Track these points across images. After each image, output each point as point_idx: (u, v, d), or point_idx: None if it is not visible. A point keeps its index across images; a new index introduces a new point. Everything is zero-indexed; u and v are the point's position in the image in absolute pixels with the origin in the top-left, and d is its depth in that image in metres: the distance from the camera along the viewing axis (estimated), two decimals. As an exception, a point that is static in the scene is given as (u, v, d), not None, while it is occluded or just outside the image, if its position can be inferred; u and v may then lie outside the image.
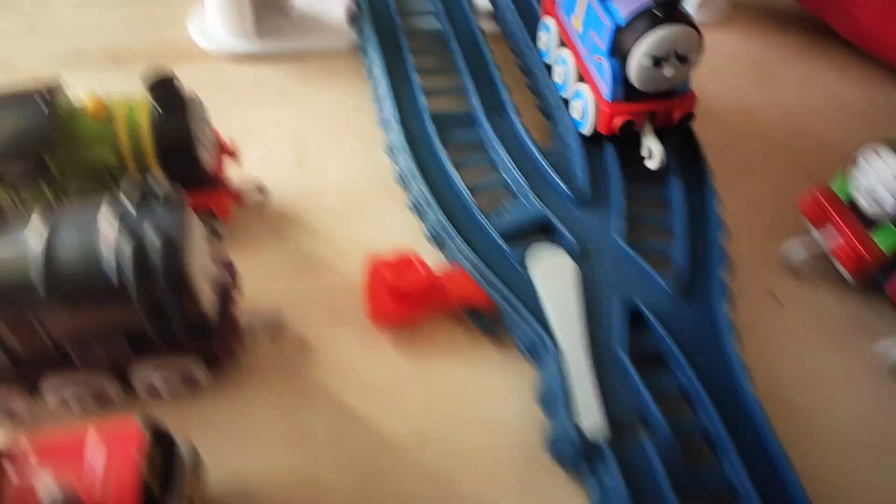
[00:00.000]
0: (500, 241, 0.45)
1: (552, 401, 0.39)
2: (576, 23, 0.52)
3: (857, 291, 0.47)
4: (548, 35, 0.56)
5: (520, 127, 0.52)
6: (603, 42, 0.47)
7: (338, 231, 0.49)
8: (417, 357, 0.43)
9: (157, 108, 0.40)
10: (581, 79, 0.51)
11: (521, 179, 0.48)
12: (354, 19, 0.62)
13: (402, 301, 0.42)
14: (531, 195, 0.47)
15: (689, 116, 0.49)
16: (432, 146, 0.51)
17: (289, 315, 0.43)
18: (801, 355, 0.44)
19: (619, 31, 0.46)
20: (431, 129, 0.51)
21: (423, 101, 0.54)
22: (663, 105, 0.48)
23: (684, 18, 0.45)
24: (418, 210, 0.48)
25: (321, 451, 0.39)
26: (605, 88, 0.48)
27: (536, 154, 0.50)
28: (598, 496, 0.36)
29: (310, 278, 0.46)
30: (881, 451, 0.40)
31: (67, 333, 0.34)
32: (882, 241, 0.44)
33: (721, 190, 0.49)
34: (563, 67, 0.54)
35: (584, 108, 0.50)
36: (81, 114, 0.40)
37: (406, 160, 0.50)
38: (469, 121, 0.53)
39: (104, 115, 0.40)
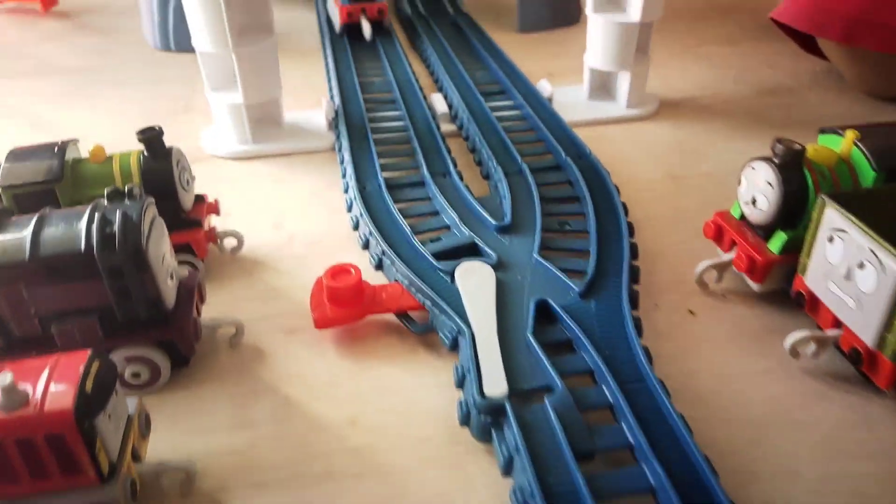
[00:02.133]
0: (432, 260, 0.51)
1: (465, 378, 0.43)
2: None
3: (769, 302, 0.52)
4: None
5: (458, 182, 0.61)
6: None
7: (300, 271, 0.56)
8: (356, 359, 0.48)
9: (146, 153, 0.51)
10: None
11: (455, 216, 0.56)
12: (332, 123, 0.74)
13: (338, 302, 0.48)
14: (462, 226, 0.55)
15: (382, 10, 0.99)
16: (383, 199, 0.60)
17: (249, 331, 0.50)
18: (716, 357, 0.48)
19: None
20: (384, 187, 0.61)
21: (378, 168, 0.64)
22: (367, 6, 0.98)
23: None
24: (367, 244, 0.56)
25: (261, 432, 0.43)
26: None
27: (470, 199, 0.58)
28: (503, 459, 0.39)
29: (272, 305, 0.53)
30: (792, 428, 0.43)
31: (49, 306, 0.41)
32: (773, 244, 0.50)
33: (650, 234, 0.58)
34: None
35: (332, 14, 0.97)
36: (86, 160, 0.51)
37: (359, 207, 0.58)
38: (418, 182, 0.63)
39: (102, 158, 0.50)
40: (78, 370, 0.34)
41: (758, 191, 0.49)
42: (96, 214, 0.41)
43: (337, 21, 1.01)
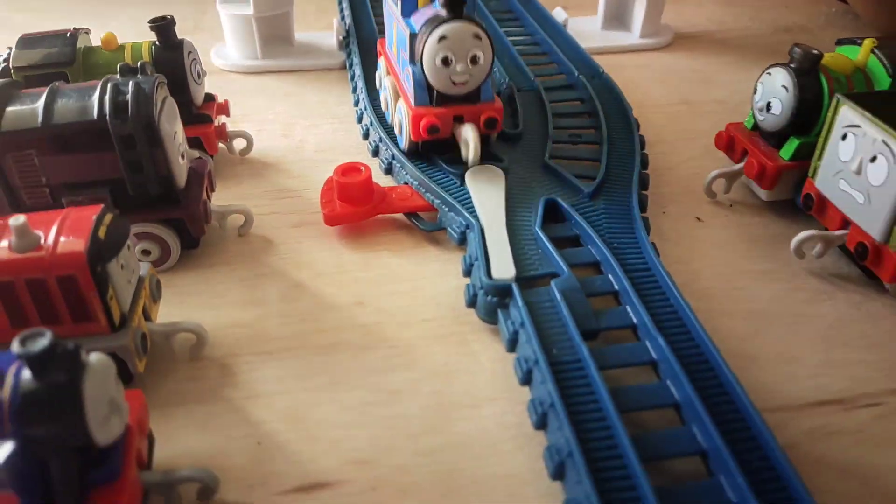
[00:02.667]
0: (444, 164, 0.51)
1: (473, 266, 0.44)
2: (395, 50, 0.55)
3: (777, 212, 0.52)
4: (378, 72, 0.61)
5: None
6: (406, 52, 0.50)
7: (310, 173, 0.56)
8: (363, 251, 0.48)
9: (157, 42, 0.50)
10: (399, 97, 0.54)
11: (465, 123, 0.55)
12: (343, 43, 0.74)
13: (348, 199, 0.49)
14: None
15: (493, 122, 0.50)
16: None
17: (258, 223, 0.50)
18: (721, 259, 0.48)
19: (413, 38, 0.49)
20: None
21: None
22: (467, 110, 0.50)
23: (469, 18, 0.48)
24: (377, 150, 0.56)
25: (270, 310, 0.44)
26: (411, 95, 0.50)
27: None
28: (508, 334, 0.39)
29: (280, 202, 0.53)
30: (794, 321, 0.43)
31: (61, 176, 0.41)
32: (784, 152, 0.49)
33: (662, 150, 0.58)
34: (384, 93, 0.58)
35: (402, 122, 0.53)
36: (98, 47, 0.51)
37: (369, 116, 0.58)
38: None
39: (114, 46, 0.50)
40: (91, 219, 0.34)
41: (773, 95, 0.49)
42: (109, 85, 0.41)
43: (406, 131, 0.53)
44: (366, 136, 0.60)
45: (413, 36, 0.50)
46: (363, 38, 0.73)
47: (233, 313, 0.43)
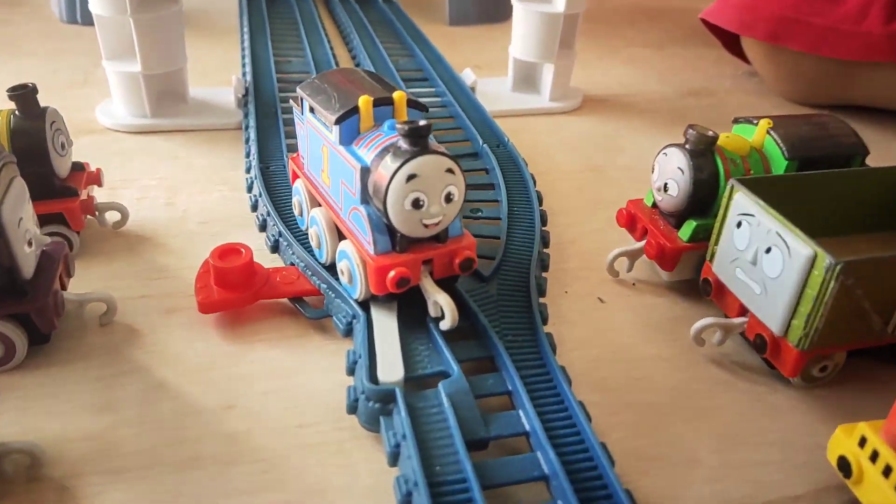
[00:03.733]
0: (331, 240, 0.48)
1: (357, 363, 0.40)
2: (325, 178, 0.46)
3: (678, 292, 0.51)
4: (299, 197, 0.50)
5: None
6: (353, 187, 0.41)
7: (190, 248, 0.52)
8: (239, 342, 0.44)
9: (17, 112, 0.46)
10: (342, 237, 0.45)
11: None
12: (241, 101, 0.70)
13: (226, 285, 0.44)
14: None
15: (469, 263, 0.42)
16: (286, 180, 0.56)
17: (124, 310, 0.45)
18: (622, 344, 0.46)
19: (365, 173, 0.40)
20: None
21: (285, 148, 0.60)
22: (438, 252, 0.41)
23: (436, 150, 0.39)
24: (264, 225, 0.52)
25: (124, 416, 0.39)
26: (367, 241, 0.41)
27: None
28: (390, 447, 0.36)
29: (153, 284, 0.49)
30: (695, 416, 0.41)
31: None
32: (683, 232, 0.48)
33: (566, 222, 0.57)
34: (315, 227, 0.47)
35: (352, 269, 0.42)
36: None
37: (258, 187, 0.55)
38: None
39: (-34, 116, 0.45)
40: None
41: (669, 177, 0.48)
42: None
43: (361, 282, 0.43)
44: (254, 207, 0.56)
45: (365, 170, 0.40)
46: (262, 97, 0.70)
47: (81, 421, 0.38)
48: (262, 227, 0.53)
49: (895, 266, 0.38)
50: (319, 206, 0.47)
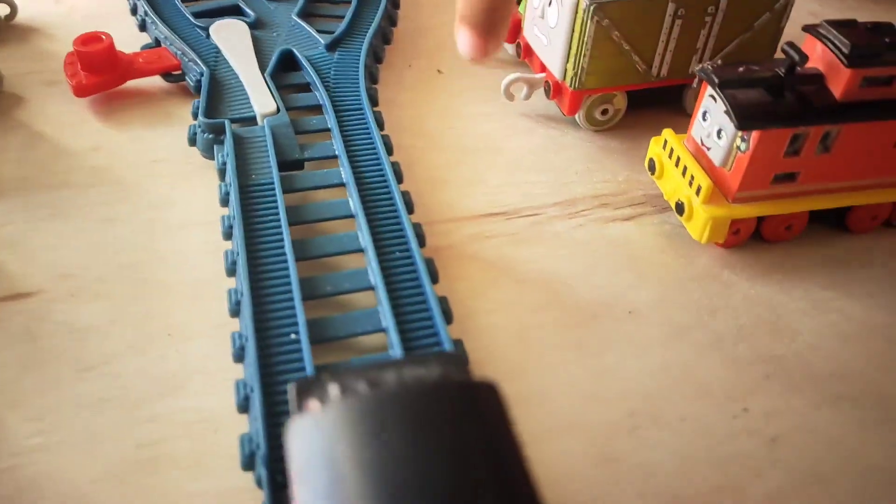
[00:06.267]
0: (190, 18, 0.54)
1: (198, 109, 0.47)
2: None
3: (515, 64, 0.57)
4: None
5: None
6: None
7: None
8: (112, 109, 0.51)
9: None
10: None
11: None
12: None
13: (92, 69, 0.50)
14: (229, -10, 0.56)
15: None
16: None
17: (10, 83, 0.52)
18: (448, 106, 0.53)
19: None
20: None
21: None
22: None
23: None
24: (135, 9, 0.58)
25: (9, 156, 0.46)
26: None
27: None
28: (219, 164, 0.43)
29: (40, 64, 0.55)
30: (493, 153, 0.49)
31: None
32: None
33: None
34: None
35: None
36: None
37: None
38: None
39: None
40: None
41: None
42: None
43: None
44: (133, 10, 0.60)
45: None
46: None
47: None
48: (133, 11, 0.58)
49: (645, 10, 0.45)
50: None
